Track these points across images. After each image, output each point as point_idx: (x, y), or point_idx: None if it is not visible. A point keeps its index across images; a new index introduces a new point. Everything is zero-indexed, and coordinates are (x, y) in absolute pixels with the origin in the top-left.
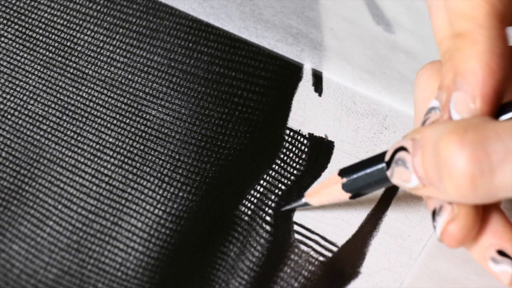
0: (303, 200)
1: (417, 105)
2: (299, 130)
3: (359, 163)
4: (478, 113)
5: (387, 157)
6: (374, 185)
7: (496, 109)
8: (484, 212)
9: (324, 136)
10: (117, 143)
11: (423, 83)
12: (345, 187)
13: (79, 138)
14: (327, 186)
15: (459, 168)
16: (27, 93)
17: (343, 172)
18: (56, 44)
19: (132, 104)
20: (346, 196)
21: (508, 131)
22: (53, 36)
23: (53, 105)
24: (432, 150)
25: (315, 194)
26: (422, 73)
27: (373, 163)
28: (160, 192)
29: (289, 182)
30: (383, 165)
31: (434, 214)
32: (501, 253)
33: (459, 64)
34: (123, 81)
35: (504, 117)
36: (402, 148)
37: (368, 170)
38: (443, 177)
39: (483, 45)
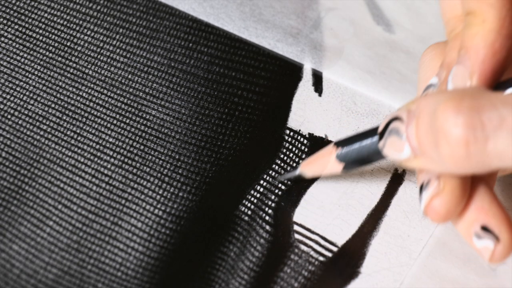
0: (298, 171)
1: (420, 84)
2: (299, 130)
3: (355, 135)
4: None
5: (380, 128)
6: (367, 157)
7: (493, 87)
8: (472, 188)
9: (324, 136)
10: (117, 143)
11: (426, 63)
12: (339, 157)
13: (79, 138)
14: (322, 157)
15: (454, 133)
16: (27, 93)
17: (338, 143)
18: (56, 44)
19: (132, 104)
20: (339, 167)
21: (503, 101)
22: (53, 36)
23: (53, 105)
24: (428, 118)
25: (309, 164)
26: (426, 53)
27: (368, 135)
28: (160, 192)
29: (289, 182)
30: (377, 137)
31: (421, 188)
32: (485, 228)
33: (465, 39)
34: (123, 81)
35: None
36: (396, 119)
37: (363, 142)
38: (439, 143)
39: (491, 25)
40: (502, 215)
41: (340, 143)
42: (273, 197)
